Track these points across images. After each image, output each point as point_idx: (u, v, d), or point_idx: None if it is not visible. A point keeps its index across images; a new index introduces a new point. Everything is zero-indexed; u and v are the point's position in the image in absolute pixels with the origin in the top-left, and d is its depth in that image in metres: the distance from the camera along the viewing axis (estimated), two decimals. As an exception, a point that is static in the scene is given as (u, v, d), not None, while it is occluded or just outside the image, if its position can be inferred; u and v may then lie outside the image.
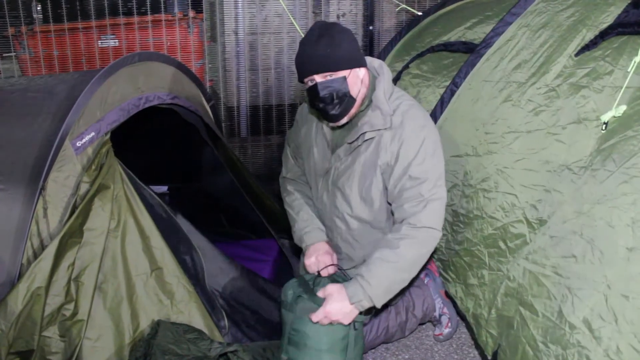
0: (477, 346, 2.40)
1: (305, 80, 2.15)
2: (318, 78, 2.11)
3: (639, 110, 1.96)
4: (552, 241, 2.06)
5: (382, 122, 2.15)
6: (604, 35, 2.23)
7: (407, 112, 2.20)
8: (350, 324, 2.07)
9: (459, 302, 2.50)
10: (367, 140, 2.20)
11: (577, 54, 2.28)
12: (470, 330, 2.45)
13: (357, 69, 2.17)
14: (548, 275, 2.02)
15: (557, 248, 2.02)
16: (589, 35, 2.29)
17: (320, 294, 2.08)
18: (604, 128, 2.03)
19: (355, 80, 2.16)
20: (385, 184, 2.21)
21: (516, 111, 2.37)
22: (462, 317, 2.53)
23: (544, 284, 2.02)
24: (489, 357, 2.23)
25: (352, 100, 2.16)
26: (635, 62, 2.02)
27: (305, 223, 2.40)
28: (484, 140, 2.45)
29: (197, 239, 2.53)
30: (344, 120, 2.21)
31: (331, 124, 2.24)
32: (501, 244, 2.28)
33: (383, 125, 2.15)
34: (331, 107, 2.14)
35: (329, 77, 2.10)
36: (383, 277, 2.05)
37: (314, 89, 2.12)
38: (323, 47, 2.08)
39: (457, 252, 2.49)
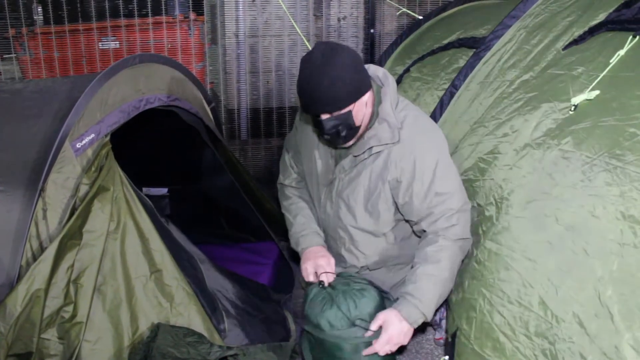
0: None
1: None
2: (323, 117, 2.05)
3: (618, 97, 1.95)
4: (517, 222, 2.03)
5: (390, 135, 2.11)
6: (593, 31, 2.24)
7: (415, 125, 2.16)
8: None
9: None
10: (373, 153, 2.17)
11: (564, 48, 2.31)
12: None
13: (363, 96, 2.09)
14: (517, 259, 1.98)
15: (527, 231, 1.99)
16: (578, 32, 2.31)
17: (374, 326, 2.05)
18: (572, 109, 2.04)
19: (360, 108, 2.08)
20: (395, 199, 2.19)
21: (501, 102, 2.41)
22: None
23: (514, 269, 1.98)
24: (449, 340, 2.21)
25: (357, 129, 2.11)
26: (619, 54, 2.03)
27: (302, 227, 2.37)
28: (471, 132, 2.47)
29: (191, 247, 2.52)
30: (350, 143, 2.17)
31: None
32: (479, 230, 2.27)
33: (391, 139, 2.11)
34: (337, 139, 2.11)
35: (334, 114, 2.04)
36: (432, 292, 2.06)
37: (319, 123, 2.07)
38: (326, 87, 1.96)
39: None
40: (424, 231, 2.20)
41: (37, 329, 1.95)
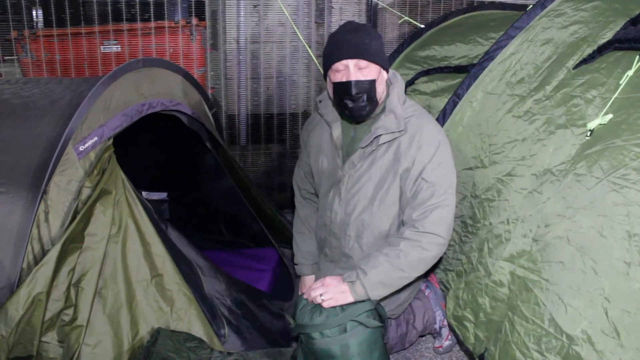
0: (462, 347, 2.42)
1: (337, 65, 2.16)
2: (352, 66, 2.13)
3: (627, 119, 1.99)
4: (537, 245, 2.08)
5: (396, 125, 2.19)
6: (601, 50, 2.27)
7: (422, 118, 2.26)
8: (366, 329, 2.06)
9: (446, 307, 2.51)
10: (382, 144, 2.22)
11: (575, 67, 2.32)
12: (452, 330, 2.47)
13: (384, 71, 2.23)
14: (535, 281, 2.02)
15: (544, 253, 2.03)
16: (588, 50, 2.33)
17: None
18: (588, 134, 2.08)
19: (381, 82, 2.22)
20: (402, 190, 2.22)
21: (515, 122, 2.42)
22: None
23: (532, 290, 2.03)
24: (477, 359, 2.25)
25: (376, 104, 2.22)
26: (628, 75, 2.08)
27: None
28: (489, 152, 2.47)
29: (190, 252, 2.52)
30: (363, 118, 2.26)
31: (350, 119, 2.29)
32: (485, 247, 2.31)
33: (397, 128, 2.19)
34: (359, 108, 2.18)
35: (361, 69, 2.14)
36: (379, 269, 2.09)
37: (346, 86, 2.14)
38: (361, 36, 2.14)
39: (460, 260, 2.50)
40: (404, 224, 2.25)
41: (38, 333, 1.95)
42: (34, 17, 4.22)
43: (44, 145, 2.09)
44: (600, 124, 2.05)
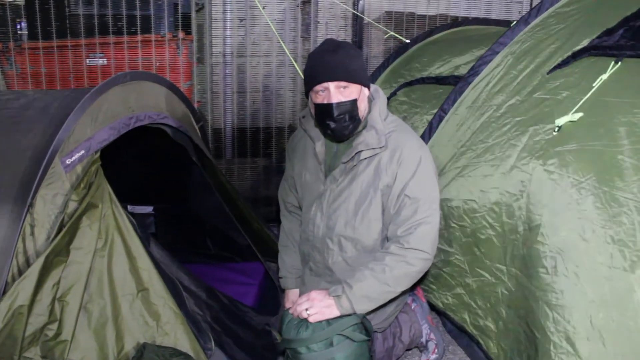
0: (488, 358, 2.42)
1: (317, 88, 2.16)
2: (332, 88, 2.13)
3: (605, 122, 2.02)
4: (523, 249, 2.09)
5: (377, 141, 2.20)
6: (576, 56, 2.31)
7: (403, 133, 2.26)
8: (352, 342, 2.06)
9: (451, 314, 2.50)
10: (363, 160, 2.23)
11: (549, 72, 2.36)
12: (473, 339, 2.47)
13: (365, 89, 2.24)
14: (529, 288, 2.03)
15: (529, 259, 2.04)
16: (562, 57, 2.38)
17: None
18: (556, 130, 2.10)
19: (363, 100, 2.22)
20: (384, 206, 2.22)
21: (488, 126, 2.46)
22: (460, 328, 2.52)
23: (527, 298, 2.03)
24: None
25: (359, 122, 2.23)
26: (602, 79, 2.12)
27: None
28: (459, 154, 2.50)
29: (172, 269, 2.51)
30: (346, 137, 2.26)
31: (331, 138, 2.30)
32: (475, 250, 2.32)
33: (378, 144, 2.19)
34: (342, 128, 2.18)
35: (342, 89, 2.14)
36: (364, 283, 2.10)
37: (328, 109, 2.15)
38: (341, 57, 2.14)
39: (434, 264, 2.49)
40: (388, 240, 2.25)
41: (19, 347, 1.91)
42: (19, 29, 4.21)
43: (31, 158, 2.06)
44: (570, 121, 2.08)
